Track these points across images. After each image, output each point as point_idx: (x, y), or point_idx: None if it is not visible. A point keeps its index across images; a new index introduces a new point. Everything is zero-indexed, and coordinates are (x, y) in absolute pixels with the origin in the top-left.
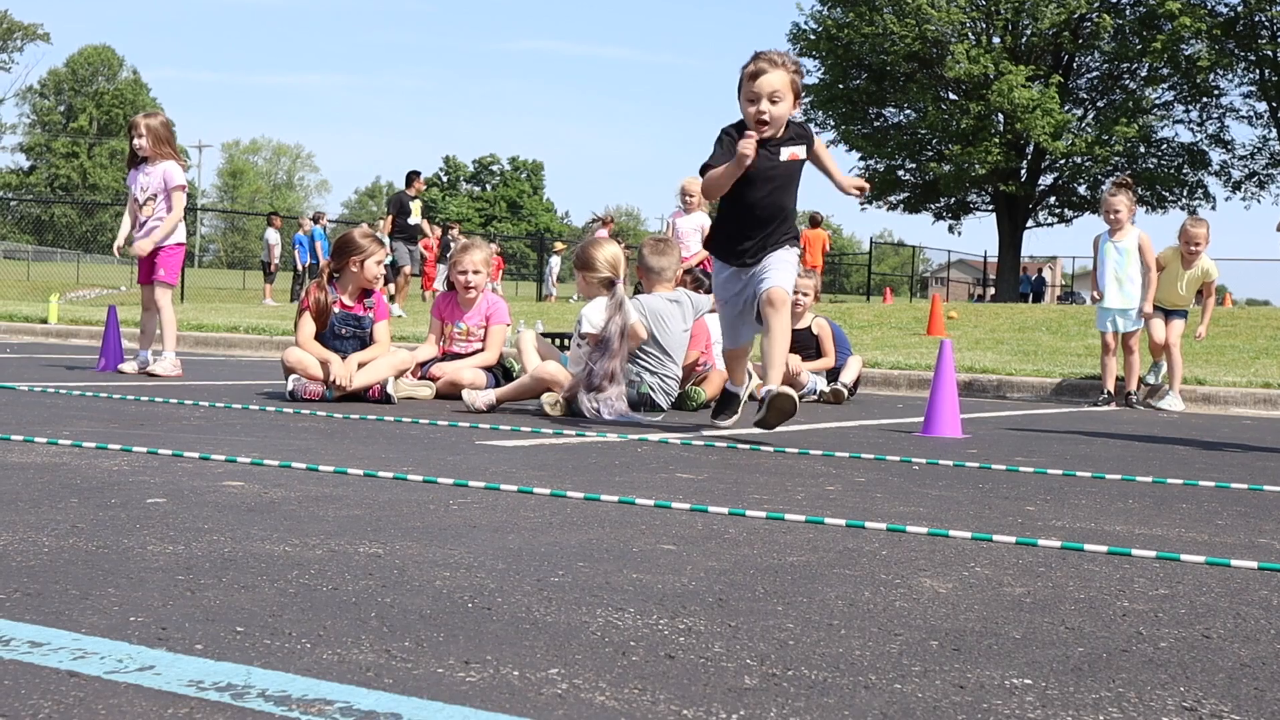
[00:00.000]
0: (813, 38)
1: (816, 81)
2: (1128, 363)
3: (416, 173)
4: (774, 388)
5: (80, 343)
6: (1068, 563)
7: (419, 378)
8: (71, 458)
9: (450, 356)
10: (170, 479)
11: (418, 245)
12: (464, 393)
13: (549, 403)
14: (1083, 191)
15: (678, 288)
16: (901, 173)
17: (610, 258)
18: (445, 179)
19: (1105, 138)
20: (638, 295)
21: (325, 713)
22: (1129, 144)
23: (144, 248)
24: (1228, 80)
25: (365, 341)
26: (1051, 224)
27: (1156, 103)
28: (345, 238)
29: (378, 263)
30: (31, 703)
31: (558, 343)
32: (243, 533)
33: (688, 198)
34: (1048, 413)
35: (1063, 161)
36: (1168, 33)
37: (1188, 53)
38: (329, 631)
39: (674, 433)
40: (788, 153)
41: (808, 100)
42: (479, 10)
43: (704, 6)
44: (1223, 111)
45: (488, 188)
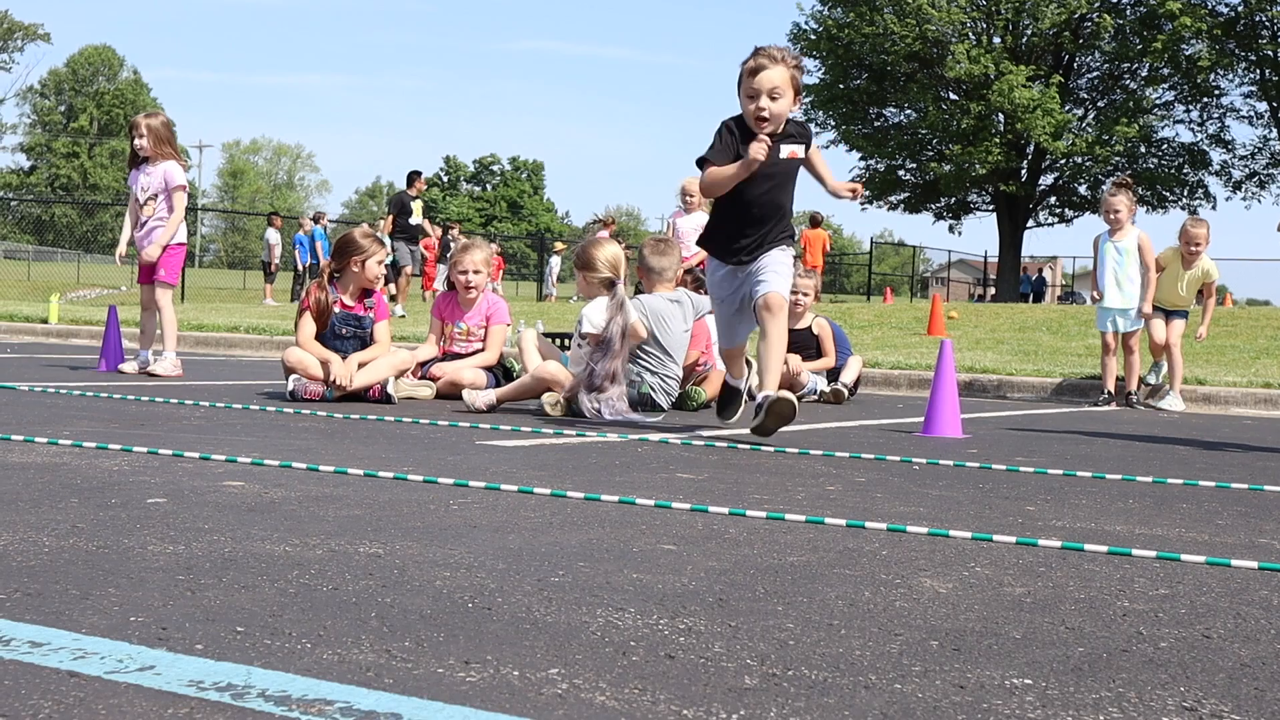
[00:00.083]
0: (813, 38)
1: (817, 81)
2: (1128, 363)
3: (418, 173)
4: (771, 393)
5: (81, 343)
6: (1068, 563)
7: (419, 378)
8: (72, 458)
9: (450, 356)
10: (171, 479)
11: (419, 245)
12: (464, 393)
13: (549, 403)
14: (1083, 191)
15: (678, 288)
16: (902, 173)
17: (611, 258)
18: (446, 179)
19: (1106, 138)
20: (638, 295)
21: (325, 713)
22: (1129, 144)
23: (152, 254)
24: (1228, 80)
25: (366, 341)
26: (1052, 224)
27: (1157, 103)
28: (346, 238)
29: (379, 263)
30: (32, 703)
31: (558, 342)
32: (243, 533)
33: (688, 198)
34: (1048, 413)
35: (1063, 161)
36: (1168, 33)
37: (1188, 53)
38: (329, 631)
39: (674, 433)
40: (787, 150)
41: (808, 100)
42: (479, 10)
43: (704, 6)
44: (1223, 111)
45: (488, 188)
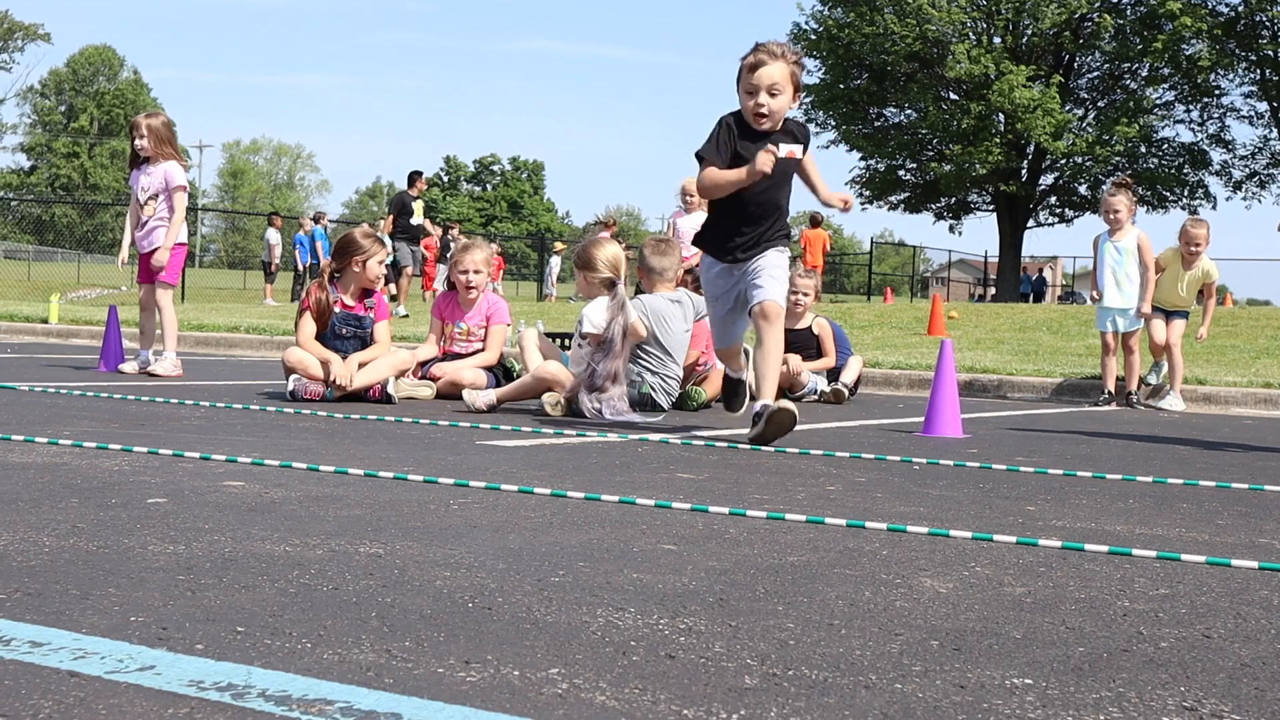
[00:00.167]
0: (814, 38)
1: (817, 81)
2: (1128, 363)
3: (419, 173)
4: (770, 403)
5: (81, 343)
6: (1068, 562)
7: (419, 378)
8: (72, 458)
9: (451, 356)
10: (171, 479)
11: (419, 246)
12: (464, 393)
13: (550, 403)
14: (1083, 191)
15: (679, 288)
16: (902, 173)
17: (611, 258)
18: (446, 179)
19: (1106, 138)
20: (639, 295)
21: (326, 713)
22: (1130, 144)
23: (162, 259)
24: (1228, 80)
25: (366, 341)
26: (1052, 224)
27: (1157, 103)
28: (347, 238)
29: (379, 262)
30: (32, 703)
31: (559, 342)
32: (243, 533)
33: (688, 198)
34: (1048, 413)
35: (1063, 161)
36: (1168, 33)
37: (1188, 53)
38: (329, 631)
39: (674, 433)
40: (786, 149)
41: (808, 100)
42: (479, 10)
43: (704, 6)
44: (1223, 111)
45: (488, 188)
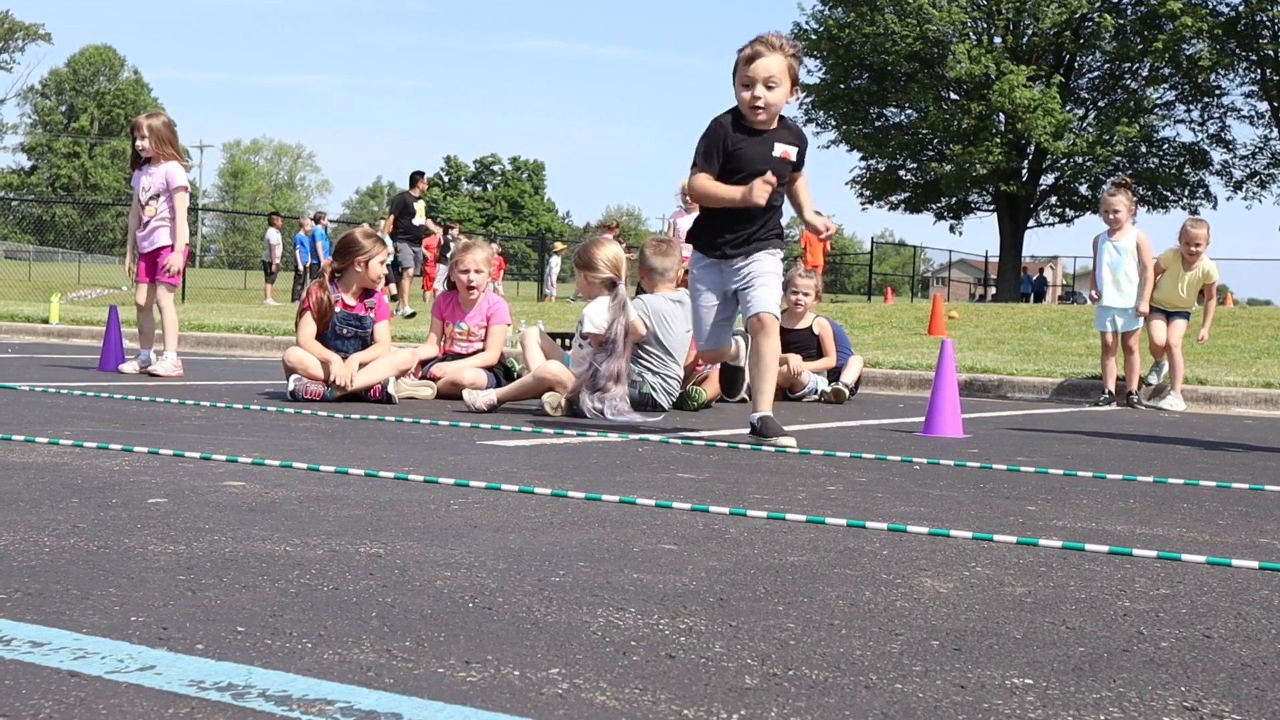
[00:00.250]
0: (814, 38)
1: (818, 81)
2: (1128, 362)
3: (420, 173)
4: (768, 414)
5: (81, 343)
6: (1069, 562)
7: (420, 377)
8: (73, 458)
9: (451, 356)
10: (171, 479)
11: (421, 246)
12: (465, 393)
13: (550, 404)
14: (1084, 191)
15: (680, 288)
16: (902, 172)
17: (611, 258)
18: (446, 179)
19: (1106, 137)
20: (640, 295)
21: (326, 713)
22: (1130, 144)
23: (175, 263)
24: (1229, 80)
25: (366, 341)
26: (1053, 224)
27: (1158, 102)
28: (349, 238)
29: (381, 262)
30: (33, 703)
31: (559, 342)
32: (244, 533)
33: (688, 198)
34: (1049, 413)
35: (1064, 161)
36: (1169, 32)
37: (1189, 52)
38: (330, 631)
39: (675, 433)
40: (780, 149)
41: (808, 100)
42: (479, 10)
43: (704, 6)
44: (1224, 111)
45: (489, 188)
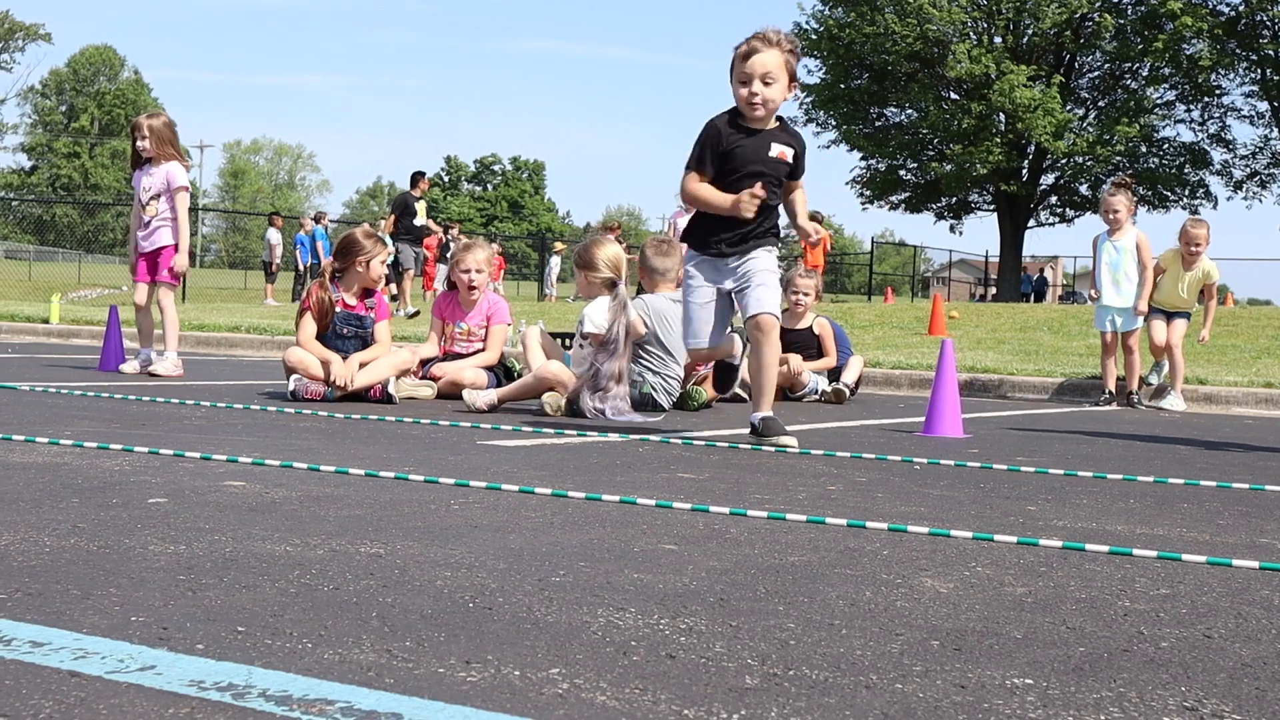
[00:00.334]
0: (814, 37)
1: (818, 81)
2: (1128, 362)
3: (421, 173)
4: (769, 414)
5: (82, 343)
6: (1069, 562)
7: (420, 377)
8: (73, 458)
9: (451, 356)
10: (172, 479)
11: (421, 246)
12: (465, 393)
13: (550, 404)
14: (1084, 191)
15: (680, 288)
16: (903, 172)
17: (612, 257)
18: (447, 179)
19: (1106, 137)
20: (641, 295)
21: (326, 713)
22: (1130, 144)
23: (182, 264)
24: (1229, 80)
25: (367, 341)
26: (1053, 224)
27: (1158, 102)
28: (350, 238)
29: (382, 262)
30: (33, 703)
31: (560, 342)
32: (244, 533)
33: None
34: (1049, 412)
35: (1064, 161)
36: (1169, 32)
37: (1189, 52)
38: (330, 631)
39: (675, 433)
40: (777, 150)
41: (808, 100)
42: (479, 10)
43: (704, 6)
44: (1224, 111)
45: (489, 187)
